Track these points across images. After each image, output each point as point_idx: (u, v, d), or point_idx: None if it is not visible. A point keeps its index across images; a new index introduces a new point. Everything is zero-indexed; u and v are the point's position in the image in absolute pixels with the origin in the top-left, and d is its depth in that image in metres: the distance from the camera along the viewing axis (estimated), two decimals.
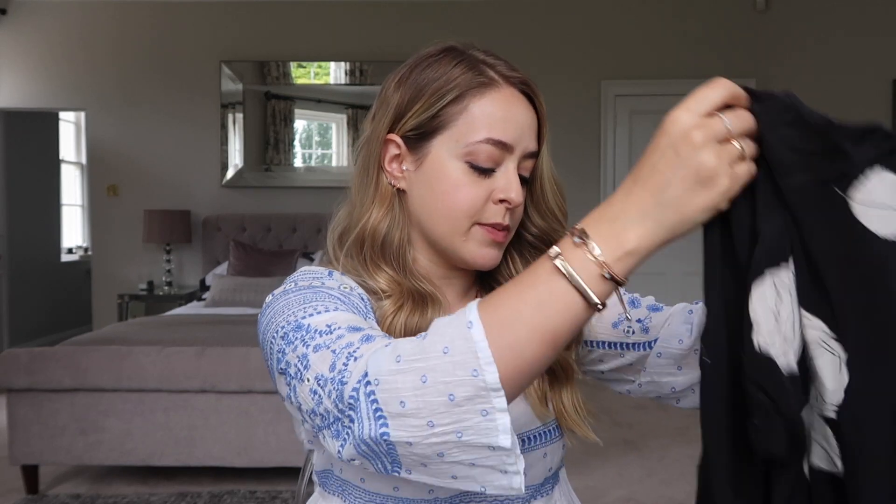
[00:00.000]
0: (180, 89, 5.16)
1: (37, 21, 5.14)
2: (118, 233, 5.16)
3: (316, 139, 5.36)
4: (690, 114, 0.50)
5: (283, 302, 0.69)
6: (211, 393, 2.82)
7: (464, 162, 0.74)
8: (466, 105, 0.74)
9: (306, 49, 5.16)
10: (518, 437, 0.77)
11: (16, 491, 2.92)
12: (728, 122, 0.50)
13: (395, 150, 0.78)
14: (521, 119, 0.75)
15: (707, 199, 0.51)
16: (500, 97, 0.75)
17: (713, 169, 0.50)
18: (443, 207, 0.75)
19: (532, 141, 0.77)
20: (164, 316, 4.01)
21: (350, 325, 0.62)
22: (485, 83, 0.75)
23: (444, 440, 0.51)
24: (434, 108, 0.75)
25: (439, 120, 0.75)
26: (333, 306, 0.67)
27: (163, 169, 5.18)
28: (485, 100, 0.74)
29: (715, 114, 0.50)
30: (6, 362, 2.80)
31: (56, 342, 3.93)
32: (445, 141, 0.75)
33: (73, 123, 6.97)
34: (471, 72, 0.75)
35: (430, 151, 0.76)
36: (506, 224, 0.75)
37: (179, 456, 2.84)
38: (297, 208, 5.12)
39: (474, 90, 0.74)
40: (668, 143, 0.51)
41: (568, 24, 5.12)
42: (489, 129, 0.73)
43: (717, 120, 0.50)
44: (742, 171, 0.51)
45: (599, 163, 5.08)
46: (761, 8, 4.93)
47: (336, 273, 0.77)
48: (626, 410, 3.94)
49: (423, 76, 0.76)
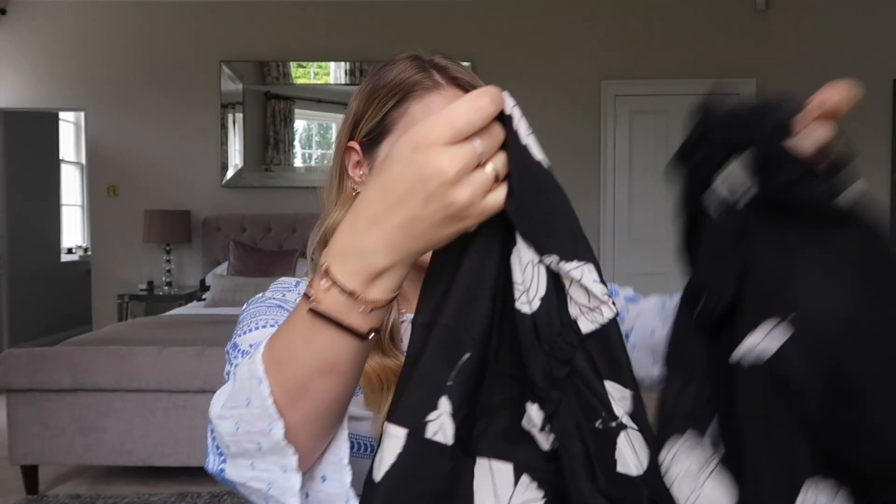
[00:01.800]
0: (180, 89, 5.16)
1: (37, 21, 5.14)
2: (118, 233, 5.16)
3: (316, 139, 5.36)
4: (440, 143, 0.45)
5: (245, 314, 0.75)
6: (211, 393, 2.80)
7: None
8: (407, 108, 0.76)
9: (306, 49, 5.16)
10: None
11: (16, 491, 2.92)
12: (479, 145, 0.46)
13: (356, 157, 0.81)
14: None
15: (451, 232, 0.48)
16: (441, 100, 0.76)
17: (465, 206, 0.46)
18: None
19: None
20: (164, 316, 4.01)
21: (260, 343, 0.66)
22: (428, 87, 0.76)
23: (260, 487, 0.53)
24: (381, 113, 0.77)
25: (385, 124, 0.77)
26: (273, 322, 0.71)
27: (163, 169, 5.18)
28: (424, 101, 0.76)
29: (468, 139, 0.46)
30: (6, 362, 2.80)
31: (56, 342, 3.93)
32: (389, 144, 0.76)
33: (73, 123, 6.97)
34: (418, 75, 0.77)
35: (378, 156, 0.78)
36: None
37: (179, 456, 2.84)
38: (297, 208, 5.12)
39: (416, 93, 0.76)
40: (417, 174, 0.46)
41: (568, 24, 5.12)
42: None
43: (469, 148, 0.45)
44: (494, 200, 0.47)
45: (599, 163, 5.08)
46: (761, 8, 4.93)
47: (304, 283, 0.81)
48: None
49: (378, 82, 0.79)
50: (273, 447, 0.51)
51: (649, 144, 5.07)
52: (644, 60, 5.06)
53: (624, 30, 5.09)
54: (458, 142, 0.46)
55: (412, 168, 0.46)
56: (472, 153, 0.46)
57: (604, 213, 5.06)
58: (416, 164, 0.46)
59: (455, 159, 0.45)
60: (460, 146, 0.45)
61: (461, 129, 0.45)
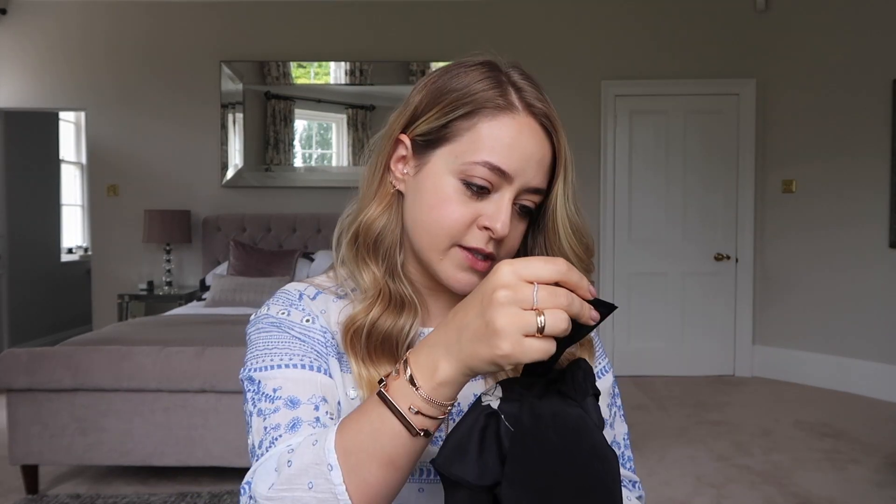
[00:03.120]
0: (180, 89, 5.16)
1: (37, 21, 5.14)
2: (118, 233, 5.16)
3: (316, 139, 5.36)
4: (510, 273, 0.52)
5: (255, 335, 0.76)
6: (211, 393, 2.82)
7: (458, 179, 0.72)
8: (476, 123, 0.72)
9: (306, 49, 5.16)
10: None
11: (16, 491, 2.92)
12: (536, 291, 0.51)
13: (403, 152, 0.77)
14: (530, 151, 0.72)
15: (487, 353, 0.51)
16: (513, 124, 0.72)
17: (499, 330, 0.50)
18: (426, 219, 0.74)
19: (538, 176, 0.74)
20: (164, 316, 4.01)
21: (290, 397, 0.69)
22: (501, 106, 0.72)
23: None
24: (445, 118, 0.73)
25: (447, 131, 0.73)
26: (288, 357, 0.73)
27: (163, 169, 5.18)
28: (495, 122, 0.71)
29: (531, 282, 0.51)
30: (6, 362, 2.80)
31: (56, 342, 3.93)
32: (446, 154, 0.73)
33: (73, 123, 6.97)
34: (493, 90, 0.72)
35: (430, 160, 0.74)
36: (488, 252, 0.73)
37: (179, 456, 2.84)
38: (297, 208, 5.12)
39: (488, 110, 0.71)
40: (482, 290, 0.53)
41: (568, 24, 5.12)
42: (490, 153, 0.71)
43: (528, 288, 0.51)
44: (531, 346, 0.50)
45: (599, 163, 5.08)
46: (761, 8, 4.93)
47: (307, 297, 0.79)
48: (627, 410, 3.94)
49: (447, 83, 0.74)
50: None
51: (649, 145, 5.07)
52: (644, 60, 5.06)
53: (624, 30, 5.09)
54: (527, 280, 0.51)
55: (482, 284, 0.54)
56: (528, 287, 0.51)
57: (604, 212, 5.06)
58: (486, 281, 0.53)
59: (512, 287, 0.51)
60: (522, 283, 0.51)
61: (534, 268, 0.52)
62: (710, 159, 5.05)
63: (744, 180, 5.02)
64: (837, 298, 4.60)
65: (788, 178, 4.87)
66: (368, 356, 0.74)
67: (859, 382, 4.49)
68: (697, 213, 5.06)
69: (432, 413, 0.55)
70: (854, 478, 3.06)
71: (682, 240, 5.08)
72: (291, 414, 0.67)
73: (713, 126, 5.05)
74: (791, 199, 4.87)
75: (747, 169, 5.00)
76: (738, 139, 5.02)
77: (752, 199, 5.00)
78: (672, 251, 5.08)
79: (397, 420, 0.55)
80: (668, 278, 5.07)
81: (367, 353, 0.74)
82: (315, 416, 0.67)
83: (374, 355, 0.74)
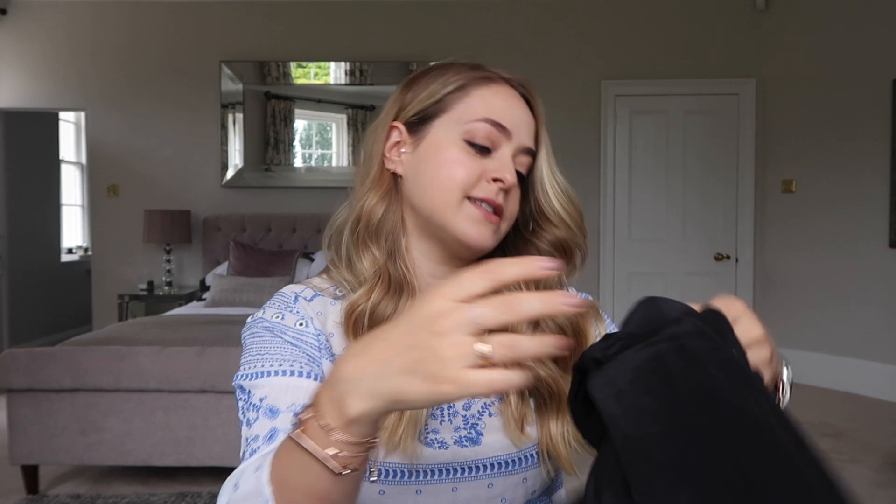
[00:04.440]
0: (180, 89, 5.16)
1: (37, 21, 5.14)
2: (118, 233, 5.16)
3: (316, 139, 5.36)
4: (441, 299, 0.45)
5: (249, 339, 0.77)
6: (211, 393, 2.82)
7: (462, 140, 0.77)
8: (468, 91, 0.78)
9: (306, 49, 5.16)
10: (493, 461, 0.77)
11: (16, 491, 2.92)
12: (478, 313, 0.43)
13: (397, 137, 0.81)
14: (519, 113, 0.79)
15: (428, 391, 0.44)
16: (501, 90, 0.79)
17: (442, 363, 0.43)
18: (437, 179, 0.77)
19: (528, 138, 0.80)
20: (164, 316, 4.00)
21: (270, 407, 0.69)
22: (487, 77, 0.80)
23: None
24: (437, 95, 0.79)
25: (441, 104, 0.79)
26: (278, 363, 0.72)
27: (163, 169, 5.18)
28: (487, 89, 0.79)
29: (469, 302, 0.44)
30: (6, 362, 2.80)
31: (56, 342, 3.93)
32: (445, 122, 0.78)
33: (73, 123, 6.97)
34: (475, 71, 0.80)
35: (429, 132, 0.79)
36: (498, 203, 0.76)
37: (179, 456, 2.84)
38: (297, 208, 5.12)
39: (477, 81, 0.79)
40: (413, 317, 0.46)
41: (568, 24, 5.12)
42: (489, 111, 0.77)
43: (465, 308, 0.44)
44: (482, 379, 0.43)
45: (599, 163, 5.08)
46: (761, 8, 4.93)
47: (303, 299, 0.80)
48: None
49: (429, 77, 0.81)
50: None
51: (649, 144, 5.07)
52: (644, 60, 5.06)
53: (624, 30, 5.09)
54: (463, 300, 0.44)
55: (412, 312, 0.46)
56: (466, 312, 0.43)
57: (604, 213, 5.06)
58: (417, 309, 0.46)
59: (449, 309, 0.44)
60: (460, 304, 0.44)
61: (466, 285, 0.44)
62: (710, 159, 5.05)
63: (744, 180, 5.02)
64: (837, 298, 4.60)
65: (788, 178, 4.87)
66: None
67: (859, 382, 4.49)
68: (697, 213, 5.06)
69: (353, 452, 0.50)
70: (854, 478, 3.06)
71: (682, 240, 5.08)
72: (270, 424, 0.68)
73: (713, 126, 5.05)
74: (791, 199, 4.87)
75: (747, 169, 5.01)
76: (738, 139, 5.02)
77: (752, 199, 5.00)
78: (672, 251, 5.08)
79: (317, 463, 0.50)
80: (668, 278, 5.07)
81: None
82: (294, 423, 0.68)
83: None
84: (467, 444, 0.77)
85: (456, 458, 0.76)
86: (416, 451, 0.74)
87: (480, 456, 0.77)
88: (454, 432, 0.77)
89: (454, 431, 0.77)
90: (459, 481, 0.76)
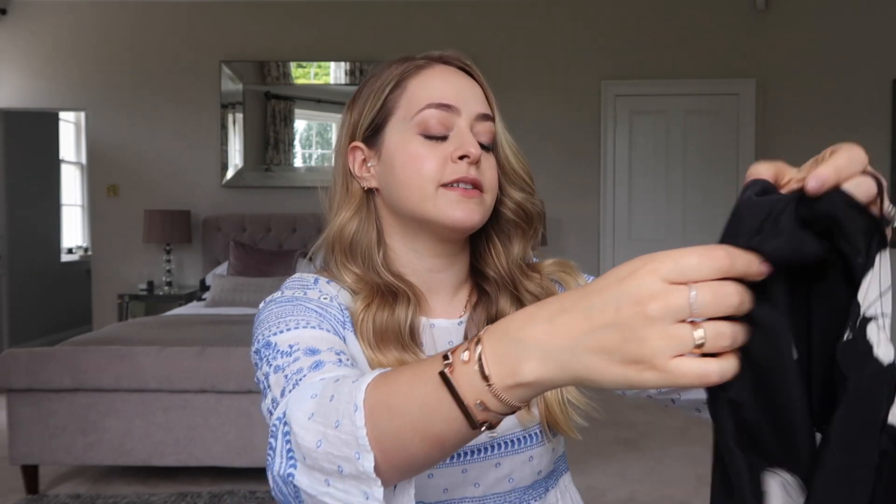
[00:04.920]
0: (180, 89, 5.16)
1: (37, 21, 5.14)
2: (118, 233, 5.16)
3: (316, 139, 5.36)
4: (654, 280, 0.40)
5: (266, 313, 0.75)
6: (211, 393, 2.82)
7: (417, 134, 0.78)
8: (405, 87, 0.80)
9: (306, 49, 5.16)
10: (500, 441, 0.79)
11: (16, 491, 2.92)
12: (694, 297, 0.39)
13: (361, 156, 0.82)
14: (460, 84, 0.80)
15: (621, 378, 0.41)
16: (435, 72, 0.80)
17: (648, 351, 0.40)
18: (406, 178, 0.78)
19: (480, 104, 0.80)
20: (164, 316, 4.01)
21: (309, 347, 0.66)
22: (419, 65, 0.81)
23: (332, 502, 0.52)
24: (379, 102, 0.81)
25: (385, 108, 0.80)
26: (304, 322, 0.71)
27: (163, 169, 5.18)
28: (420, 77, 0.80)
29: (686, 285, 0.40)
30: (6, 362, 2.80)
31: (56, 342, 3.93)
32: (395, 123, 0.80)
33: (73, 123, 6.97)
34: (406, 63, 0.82)
35: (385, 139, 0.80)
36: (472, 177, 0.77)
37: (179, 456, 2.84)
38: (297, 208, 5.12)
39: (410, 73, 0.80)
40: (618, 293, 0.41)
41: (568, 25, 5.12)
42: (429, 97, 0.78)
43: (684, 291, 0.39)
44: (687, 369, 0.39)
45: (599, 163, 5.08)
46: (761, 8, 4.93)
47: (322, 280, 0.81)
48: (627, 410, 3.94)
49: (368, 85, 0.83)
50: (357, 475, 0.50)
51: (649, 145, 5.07)
52: (644, 60, 5.06)
53: (624, 30, 5.09)
54: (677, 283, 0.40)
55: (616, 285, 0.42)
56: (684, 297, 0.39)
57: (604, 213, 5.06)
58: (622, 282, 0.41)
59: (664, 292, 0.40)
60: (676, 286, 0.40)
61: (685, 268, 0.40)
62: (710, 159, 5.05)
63: (744, 180, 5.00)
64: None
65: None
66: (376, 345, 0.76)
67: None
68: (697, 212, 5.06)
69: (500, 411, 0.47)
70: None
71: (682, 239, 5.08)
72: (313, 358, 0.65)
73: (713, 126, 5.05)
74: None
75: (747, 168, 5.00)
76: (738, 139, 5.02)
77: None
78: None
79: (458, 409, 0.47)
80: None
81: (374, 342, 0.76)
82: (338, 359, 0.66)
83: (381, 344, 0.76)
84: None
85: None
86: None
87: (489, 436, 0.79)
88: None
89: None
90: (468, 462, 0.78)
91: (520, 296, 0.83)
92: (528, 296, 0.83)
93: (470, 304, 0.85)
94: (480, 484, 0.79)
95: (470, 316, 0.85)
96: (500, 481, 0.80)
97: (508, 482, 0.80)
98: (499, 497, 0.80)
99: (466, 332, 0.83)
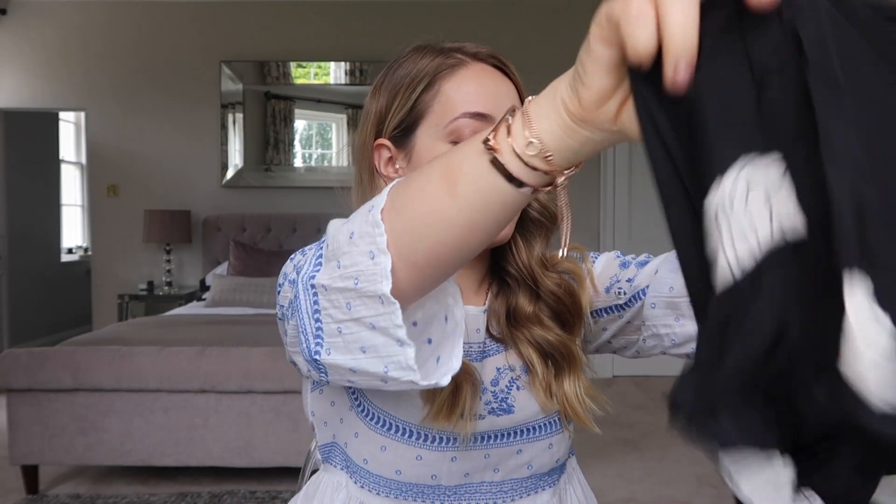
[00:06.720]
0: (180, 89, 5.16)
1: (37, 21, 5.14)
2: (118, 233, 5.16)
3: (316, 139, 5.36)
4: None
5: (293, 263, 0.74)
6: (211, 393, 2.82)
7: (449, 142, 0.75)
8: (438, 88, 0.76)
9: (306, 49, 5.16)
10: (522, 427, 0.80)
11: (16, 491, 2.92)
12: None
13: (388, 154, 0.80)
14: (496, 89, 0.77)
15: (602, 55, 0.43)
16: (470, 73, 0.76)
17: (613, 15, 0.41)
18: None
19: None
20: (164, 316, 4.01)
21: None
22: (453, 64, 0.77)
23: (346, 285, 0.50)
24: (410, 101, 0.77)
25: (417, 110, 0.77)
26: None
27: (163, 169, 5.18)
28: (455, 78, 0.76)
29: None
30: (6, 362, 2.80)
31: (56, 342, 3.93)
32: (427, 128, 0.76)
33: (73, 123, 6.97)
34: (438, 57, 0.77)
35: (416, 143, 0.77)
36: None
37: (179, 456, 2.84)
38: (297, 208, 5.12)
39: (443, 73, 0.76)
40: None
41: (568, 24, 5.12)
42: (464, 104, 0.75)
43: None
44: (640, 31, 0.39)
45: (600, 163, 5.08)
46: None
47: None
48: (627, 410, 3.94)
49: (395, 77, 0.79)
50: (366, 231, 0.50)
51: None
52: None
53: None
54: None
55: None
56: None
57: (604, 213, 5.07)
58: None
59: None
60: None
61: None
62: None
63: None
64: None
65: None
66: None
67: None
68: None
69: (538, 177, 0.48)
70: None
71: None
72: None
73: None
74: None
75: None
76: None
77: None
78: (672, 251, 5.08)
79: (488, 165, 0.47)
80: None
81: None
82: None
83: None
84: (501, 414, 0.80)
85: (493, 426, 0.79)
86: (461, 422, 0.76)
87: (514, 423, 0.80)
88: (485, 406, 0.79)
89: (485, 405, 0.79)
90: (491, 447, 0.80)
91: (540, 292, 0.82)
92: (547, 293, 0.83)
93: (492, 292, 0.85)
94: (500, 469, 0.81)
95: (490, 305, 0.84)
96: (519, 467, 0.82)
97: (528, 469, 0.82)
98: (516, 482, 0.82)
99: (488, 320, 0.83)
